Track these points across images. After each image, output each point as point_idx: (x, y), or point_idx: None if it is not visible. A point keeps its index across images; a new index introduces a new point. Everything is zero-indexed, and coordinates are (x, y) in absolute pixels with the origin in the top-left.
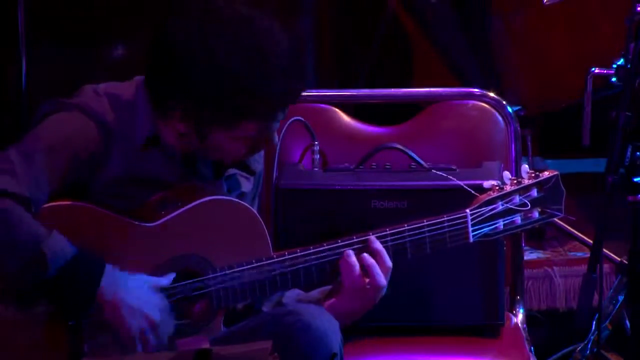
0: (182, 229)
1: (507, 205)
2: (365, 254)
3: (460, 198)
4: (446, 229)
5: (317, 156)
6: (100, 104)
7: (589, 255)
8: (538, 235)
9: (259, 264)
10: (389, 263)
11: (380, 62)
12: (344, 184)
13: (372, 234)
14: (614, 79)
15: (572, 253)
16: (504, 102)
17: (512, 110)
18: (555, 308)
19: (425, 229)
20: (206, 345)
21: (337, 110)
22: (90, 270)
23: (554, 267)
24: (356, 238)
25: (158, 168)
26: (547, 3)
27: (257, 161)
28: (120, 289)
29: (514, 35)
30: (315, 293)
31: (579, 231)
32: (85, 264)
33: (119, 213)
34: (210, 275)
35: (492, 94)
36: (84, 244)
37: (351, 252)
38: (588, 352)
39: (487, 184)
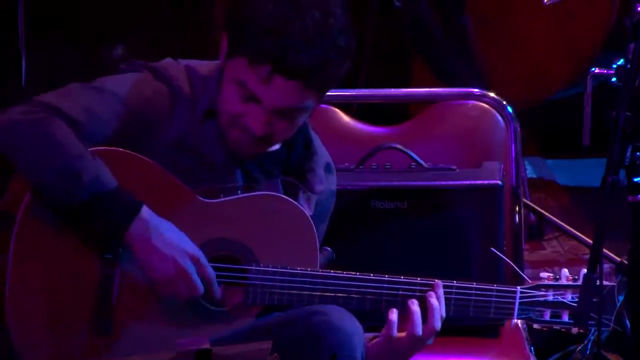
0: (235, 214)
1: (559, 297)
2: (432, 294)
3: (459, 199)
4: (493, 298)
5: None
6: (177, 71)
7: (589, 255)
8: (538, 235)
9: (303, 271)
10: (444, 312)
11: (380, 62)
12: (344, 184)
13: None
14: (614, 79)
15: (572, 253)
16: (504, 102)
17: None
18: None
19: (473, 292)
20: (206, 345)
21: (337, 110)
22: (124, 209)
23: (554, 267)
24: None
25: (208, 144)
26: (547, 3)
27: (321, 182)
28: (152, 234)
29: (493, 30)
30: None
31: (579, 231)
32: (121, 202)
33: (179, 179)
34: (254, 267)
35: (492, 94)
36: (134, 191)
37: (415, 301)
38: (588, 352)
39: (543, 274)
